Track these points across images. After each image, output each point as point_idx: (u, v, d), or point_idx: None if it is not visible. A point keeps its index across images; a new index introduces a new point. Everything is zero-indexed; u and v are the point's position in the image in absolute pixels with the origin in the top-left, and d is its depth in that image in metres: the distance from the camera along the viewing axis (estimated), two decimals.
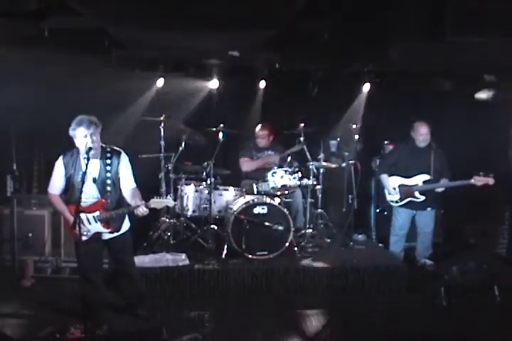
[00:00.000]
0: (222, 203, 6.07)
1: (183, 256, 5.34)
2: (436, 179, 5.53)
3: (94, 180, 3.98)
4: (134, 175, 4.17)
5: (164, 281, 4.99)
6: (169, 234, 5.84)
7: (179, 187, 6.08)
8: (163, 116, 5.95)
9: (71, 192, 4.01)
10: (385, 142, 6.86)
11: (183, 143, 6.02)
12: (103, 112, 6.24)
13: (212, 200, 5.83)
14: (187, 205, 6.08)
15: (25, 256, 5.38)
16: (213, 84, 7.07)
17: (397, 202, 5.73)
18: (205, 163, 5.92)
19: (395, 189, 5.68)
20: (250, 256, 5.36)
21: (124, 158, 4.11)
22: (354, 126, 6.38)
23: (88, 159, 3.81)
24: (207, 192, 5.86)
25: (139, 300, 4.42)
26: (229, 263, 5.27)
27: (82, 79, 6.28)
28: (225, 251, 5.43)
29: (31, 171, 6.67)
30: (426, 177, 5.56)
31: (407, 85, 6.69)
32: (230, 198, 6.07)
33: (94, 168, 3.99)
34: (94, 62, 6.05)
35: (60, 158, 4.03)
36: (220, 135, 5.89)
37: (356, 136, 6.36)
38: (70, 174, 3.97)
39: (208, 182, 5.80)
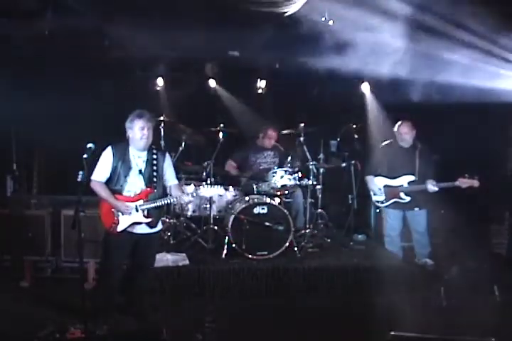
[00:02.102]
0: (222, 203, 6.06)
1: (183, 256, 5.34)
2: (421, 180, 5.50)
3: (140, 172, 4.13)
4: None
5: (164, 281, 4.99)
6: (169, 234, 5.83)
7: None
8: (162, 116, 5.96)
9: (115, 182, 4.12)
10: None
11: (183, 143, 6.02)
12: (103, 112, 6.28)
13: (212, 200, 5.83)
14: (187, 205, 6.07)
15: (25, 256, 5.37)
16: (213, 84, 7.10)
17: (382, 202, 5.72)
18: (205, 163, 5.92)
19: (380, 189, 5.67)
20: (250, 256, 5.35)
21: (168, 157, 4.34)
22: (354, 126, 6.38)
23: (86, 158, 3.86)
24: None
25: (140, 300, 4.42)
26: (229, 263, 5.27)
27: (81, 79, 6.29)
28: (225, 251, 5.42)
29: (31, 171, 6.67)
30: (411, 178, 5.54)
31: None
32: (230, 198, 6.06)
33: (140, 160, 4.16)
34: (94, 62, 6.06)
35: (109, 148, 4.15)
36: (220, 135, 5.89)
37: (356, 136, 6.36)
38: (117, 164, 4.09)
39: (208, 182, 5.79)
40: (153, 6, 4.69)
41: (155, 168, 4.17)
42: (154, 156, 4.19)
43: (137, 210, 4.12)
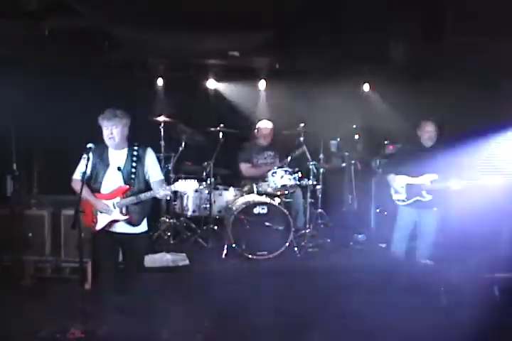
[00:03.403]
0: (222, 203, 6.07)
1: (183, 256, 5.34)
2: (444, 178, 5.51)
3: (119, 169, 4.11)
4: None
5: (164, 281, 5.00)
6: (169, 234, 5.84)
7: None
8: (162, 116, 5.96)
9: (94, 180, 4.13)
10: (385, 142, 6.87)
11: (183, 143, 6.02)
12: (103, 112, 6.26)
13: (212, 200, 5.84)
14: (187, 205, 6.08)
15: (25, 256, 5.37)
16: (213, 84, 7.10)
17: (404, 201, 5.71)
18: (205, 163, 5.93)
19: (402, 188, 5.67)
20: (250, 256, 5.36)
21: (151, 153, 4.26)
22: (354, 126, 6.38)
23: (88, 158, 3.91)
24: (207, 192, 5.86)
25: (139, 300, 4.42)
26: (229, 263, 5.27)
27: (81, 79, 6.28)
28: (225, 251, 5.43)
29: (31, 171, 6.67)
30: (434, 176, 5.55)
31: (406, 85, 6.70)
32: (230, 198, 6.07)
33: (119, 158, 4.14)
34: (94, 63, 6.06)
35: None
36: (220, 135, 5.89)
37: (356, 136, 6.37)
38: (95, 163, 4.10)
39: (208, 182, 5.80)
40: (154, 6, 4.69)
41: (134, 164, 4.14)
42: (135, 153, 4.16)
43: (114, 207, 4.09)
